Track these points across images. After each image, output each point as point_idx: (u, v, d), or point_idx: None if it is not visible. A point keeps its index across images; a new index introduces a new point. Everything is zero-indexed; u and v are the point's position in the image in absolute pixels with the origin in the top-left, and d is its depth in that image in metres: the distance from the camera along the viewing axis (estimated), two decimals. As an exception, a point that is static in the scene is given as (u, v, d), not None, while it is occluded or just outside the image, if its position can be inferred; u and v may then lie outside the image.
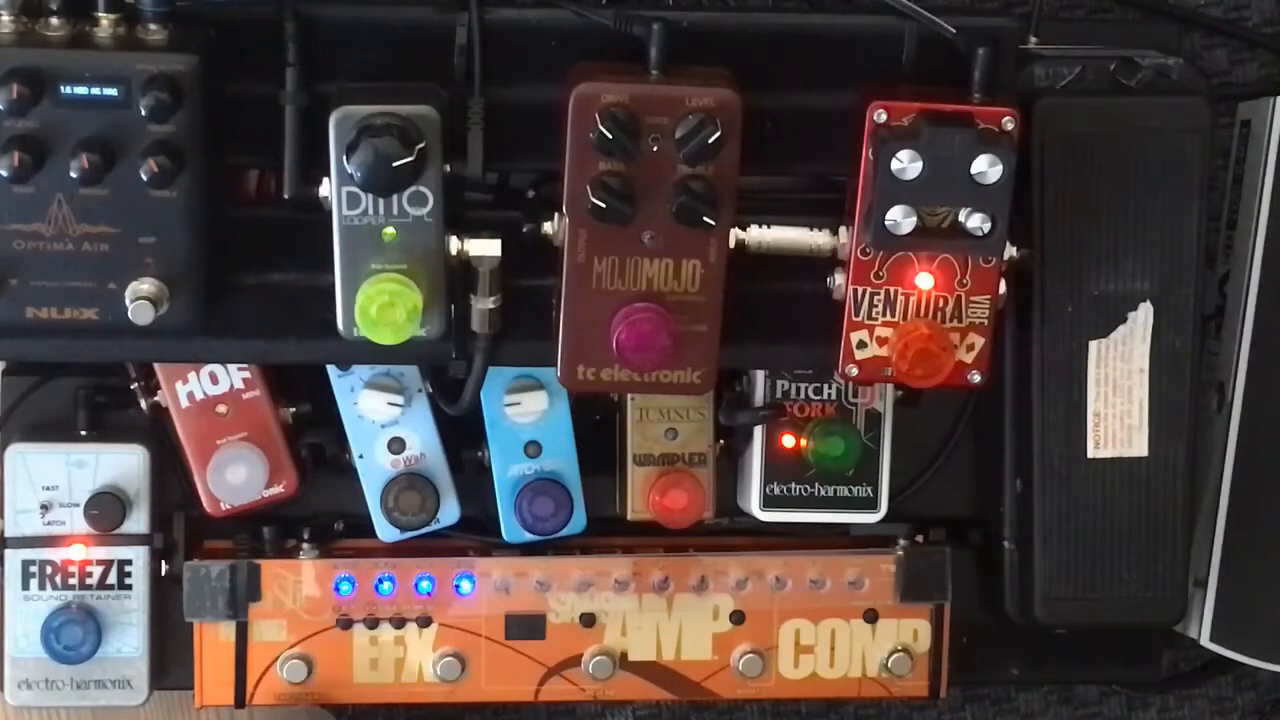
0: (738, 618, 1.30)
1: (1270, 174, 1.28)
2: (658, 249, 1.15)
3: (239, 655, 1.27)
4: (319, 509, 1.30)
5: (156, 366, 1.25)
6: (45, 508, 1.26)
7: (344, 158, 1.11)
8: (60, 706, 1.33)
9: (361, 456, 1.26)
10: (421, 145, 1.11)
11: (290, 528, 1.28)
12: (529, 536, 1.28)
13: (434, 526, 1.28)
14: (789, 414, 1.28)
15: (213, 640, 1.27)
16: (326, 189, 1.13)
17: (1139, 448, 1.26)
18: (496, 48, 1.16)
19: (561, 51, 1.16)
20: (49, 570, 1.27)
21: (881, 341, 1.18)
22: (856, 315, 1.18)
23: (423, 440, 1.27)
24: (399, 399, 1.25)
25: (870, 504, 1.30)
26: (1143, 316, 1.24)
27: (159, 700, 1.32)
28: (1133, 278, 1.24)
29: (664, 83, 1.13)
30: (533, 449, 1.27)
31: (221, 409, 1.26)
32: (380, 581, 1.27)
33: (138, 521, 1.27)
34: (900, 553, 1.30)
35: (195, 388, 1.25)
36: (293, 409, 1.27)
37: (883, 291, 1.17)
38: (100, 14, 1.11)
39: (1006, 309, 1.21)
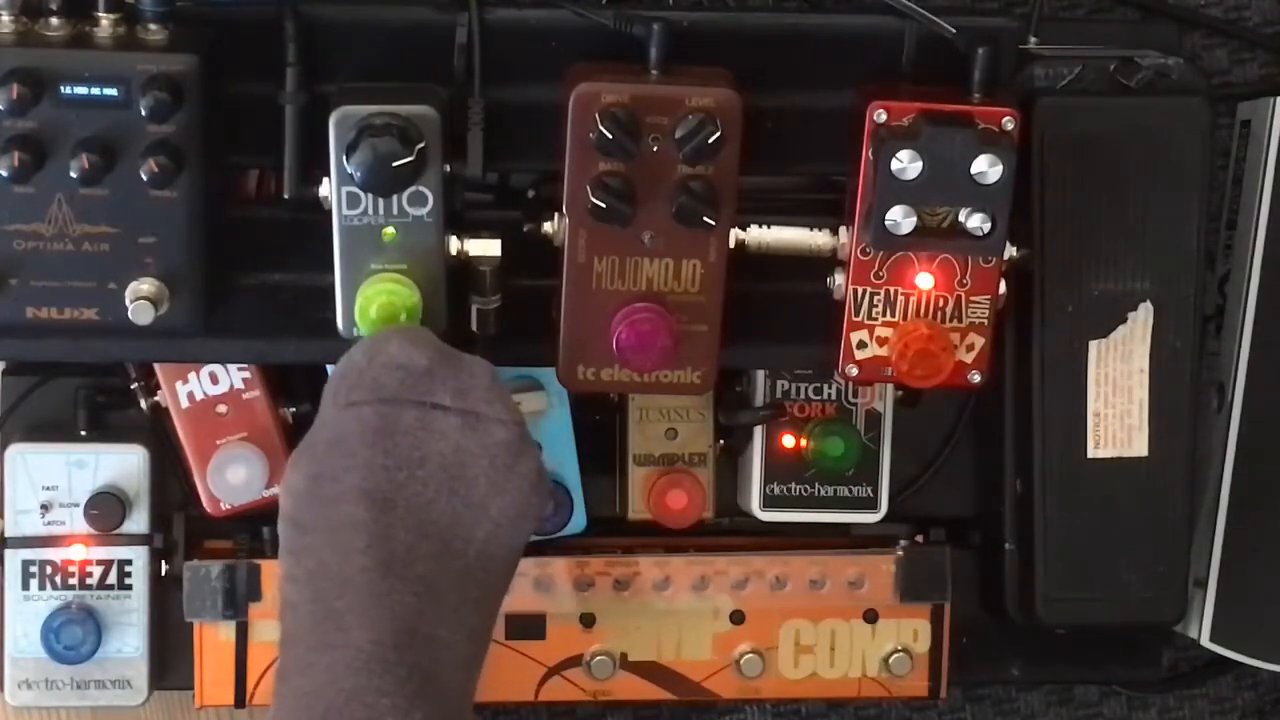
0: (738, 618, 1.30)
1: (1270, 174, 1.28)
2: (658, 249, 1.15)
3: (239, 655, 1.27)
4: (319, 509, 1.30)
5: (156, 366, 1.25)
6: (45, 508, 1.26)
7: (344, 158, 1.11)
8: (60, 706, 1.33)
9: (361, 456, 1.26)
10: (421, 145, 1.11)
11: (290, 528, 1.28)
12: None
13: (434, 526, 1.28)
14: (789, 414, 1.28)
15: (213, 640, 1.27)
16: (326, 189, 1.13)
17: (1139, 448, 1.26)
18: (496, 48, 1.16)
19: (561, 51, 1.16)
20: (49, 570, 1.27)
21: (881, 341, 1.18)
22: (856, 315, 1.18)
23: (423, 440, 1.27)
24: (399, 399, 1.25)
25: (870, 504, 1.30)
26: (1143, 316, 1.24)
27: (159, 700, 1.33)
28: (1133, 278, 1.24)
29: (664, 83, 1.13)
30: (533, 449, 1.27)
31: (221, 409, 1.26)
32: (380, 581, 1.27)
33: (138, 521, 1.27)
34: (900, 553, 1.30)
35: (195, 388, 1.25)
36: (293, 409, 1.27)
37: (883, 291, 1.17)
38: (100, 14, 1.11)
39: (1006, 309, 1.21)
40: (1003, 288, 1.18)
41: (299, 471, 1.09)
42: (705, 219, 1.13)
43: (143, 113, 1.09)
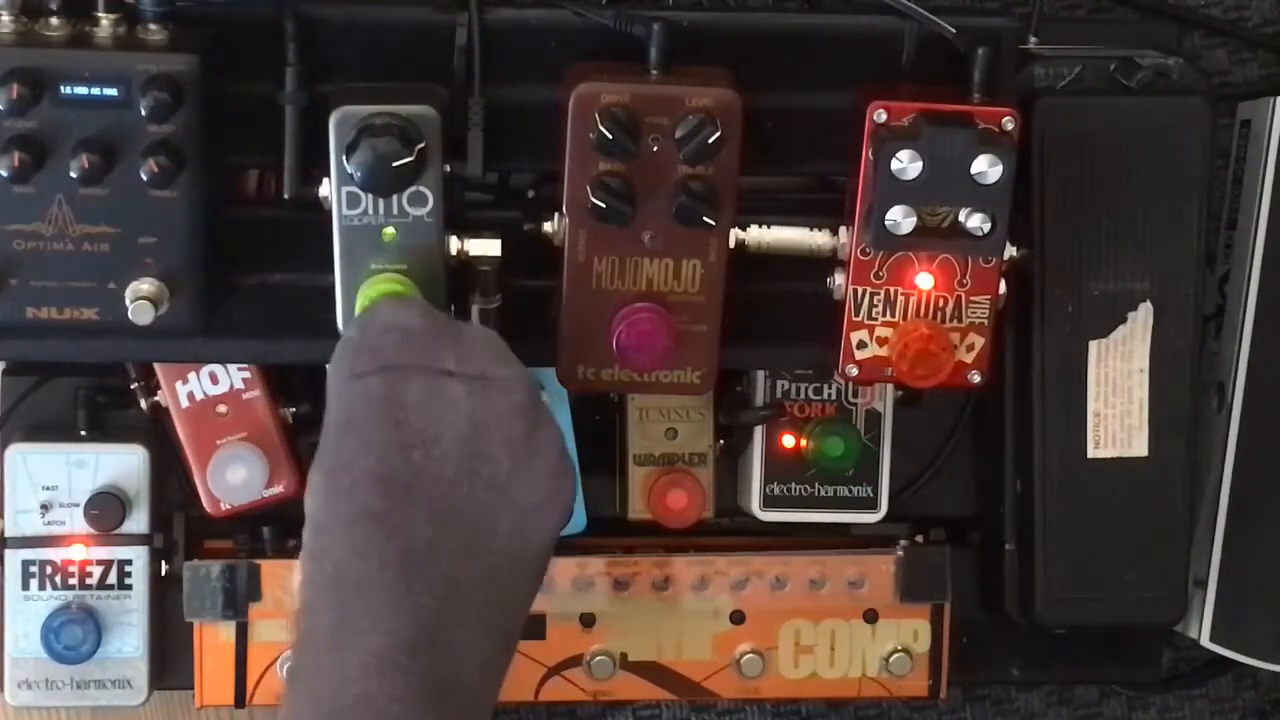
0: (738, 618, 1.30)
1: (1270, 174, 1.28)
2: (658, 249, 1.15)
3: (239, 655, 1.27)
4: (319, 509, 1.30)
5: (156, 366, 1.25)
6: (45, 508, 1.26)
7: (344, 158, 1.11)
8: (60, 706, 1.33)
9: (361, 456, 1.26)
10: (421, 145, 1.11)
11: (290, 528, 1.28)
12: (529, 536, 1.28)
13: (434, 526, 1.28)
14: (789, 414, 1.28)
15: (213, 640, 1.27)
16: (326, 189, 1.13)
17: (1139, 448, 1.26)
18: (496, 48, 1.16)
19: (561, 51, 1.16)
20: (49, 570, 1.27)
21: (881, 341, 1.18)
22: (856, 315, 1.18)
23: (423, 440, 1.27)
24: (399, 399, 1.25)
25: (870, 504, 1.30)
26: (1143, 316, 1.24)
27: (159, 700, 1.33)
28: (1133, 278, 1.24)
29: (664, 83, 1.13)
30: (533, 449, 1.27)
31: (221, 409, 1.26)
32: (380, 581, 1.27)
33: (138, 521, 1.27)
34: (900, 553, 1.30)
35: (195, 388, 1.25)
36: (293, 409, 1.27)
37: (883, 291, 1.17)
38: (100, 14, 1.11)
39: (1006, 309, 1.21)
40: (1003, 288, 1.18)
41: (317, 468, 1.06)
42: (705, 219, 1.13)
43: (143, 113, 1.09)
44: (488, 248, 1.15)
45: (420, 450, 1.04)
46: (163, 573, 1.28)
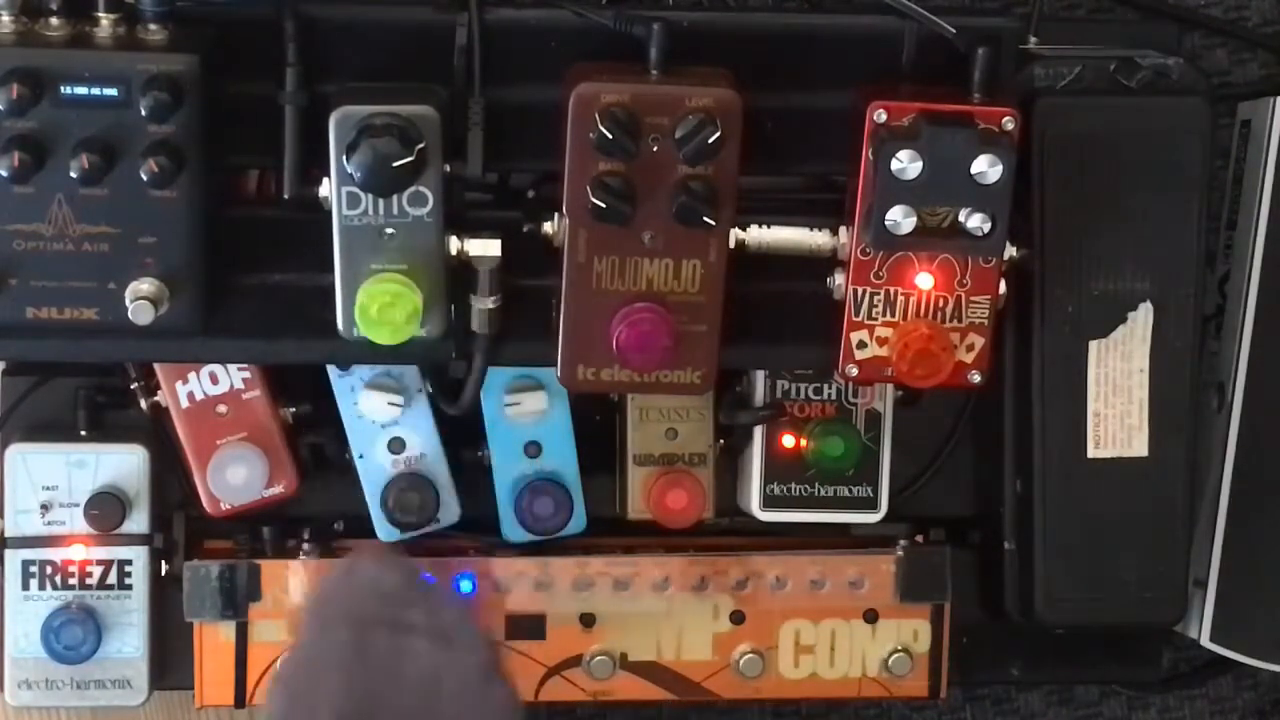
0: (738, 618, 1.30)
1: (1270, 174, 1.28)
2: (658, 249, 1.15)
3: (239, 655, 1.27)
4: (319, 509, 1.30)
5: (156, 366, 1.25)
6: (45, 508, 1.26)
7: (344, 158, 1.11)
8: (60, 706, 1.33)
9: (361, 456, 1.26)
10: (421, 145, 1.11)
11: (290, 528, 1.28)
12: (529, 536, 1.28)
13: (434, 527, 1.28)
14: (789, 414, 1.28)
15: (213, 640, 1.27)
16: (326, 189, 1.13)
17: (1139, 448, 1.26)
18: (496, 48, 1.16)
19: (561, 51, 1.16)
20: (49, 570, 1.27)
21: (881, 341, 1.18)
22: (856, 315, 1.18)
23: (423, 440, 1.27)
24: (399, 399, 1.25)
25: (870, 504, 1.30)
26: (1143, 316, 1.24)
27: (159, 700, 1.33)
28: (1133, 278, 1.24)
29: (664, 83, 1.13)
30: (533, 449, 1.27)
31: (221, 409, 1.26)
32: (380, 581, 1.27)
33: (138, 521, 1.27)
34: (900, 553, 1.30)
35: (195, 388, 1.25)
36: (293, 409, 1.27)
37: (883, 291, 1.17)
38: (100, 14, 1.11)
39: (1006, 309, 1.21)
40: (1003, 288, 1.18)
41: (281, 681, 1.09)
42: (705, 219, 1.13)
43: (143, 113, 1.09)
44: (488, 248, 1.15)
45: (380, 686, 1.07)
46: (163, 573, 1.28)
